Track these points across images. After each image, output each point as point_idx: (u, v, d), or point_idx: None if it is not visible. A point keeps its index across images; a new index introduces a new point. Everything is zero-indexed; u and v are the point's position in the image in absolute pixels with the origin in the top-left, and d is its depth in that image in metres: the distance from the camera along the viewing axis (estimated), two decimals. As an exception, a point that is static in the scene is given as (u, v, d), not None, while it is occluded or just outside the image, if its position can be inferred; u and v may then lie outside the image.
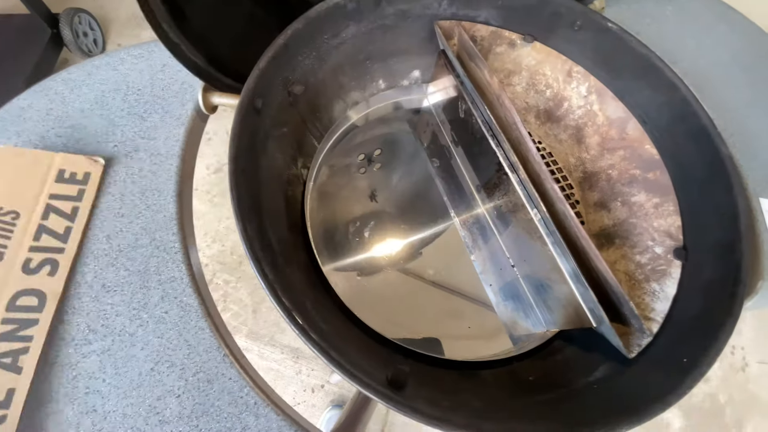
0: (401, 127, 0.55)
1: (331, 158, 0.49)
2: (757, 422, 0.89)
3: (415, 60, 0.45)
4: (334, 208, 0.51)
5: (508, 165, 0.36)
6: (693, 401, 0.88)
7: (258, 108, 0.30)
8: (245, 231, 0.24)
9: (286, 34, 0.31)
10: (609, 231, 0.40)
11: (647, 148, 0.38)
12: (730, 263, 0.28)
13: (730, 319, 0.26)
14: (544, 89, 0.45)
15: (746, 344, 0.94)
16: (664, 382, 0.25)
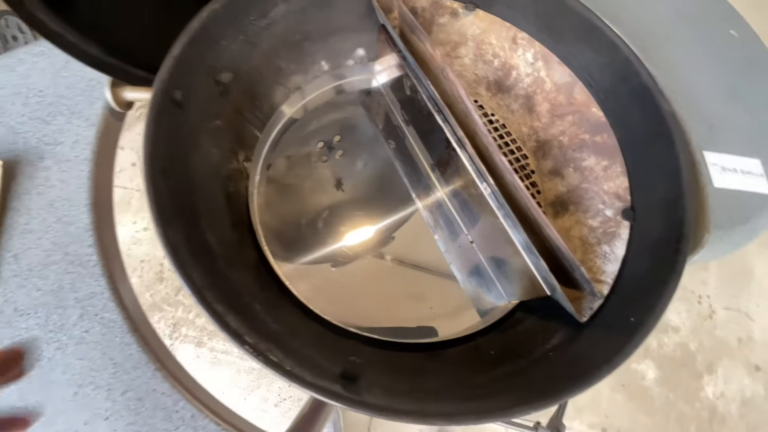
0: (357, 111, 0.53)
1: (287, 148, 0.47)
2: (726, 364, 0.95)
3: (358, 38, 0.43)
4: (299, 201, 0.49)
5: (455, 140, 0.35)
6: (665, 351, 0.92)
7: (178, 100, 0.28)
8: (166, 236, 0.22)
9: (202, 17, 0.29)
10: (563, 198, 0.40)
11: (594, 112, 0.38)
12: (674, 220, 0.28)
13: (674, 276, 0.26)
14: (492, 59, 0.44)
15: (711, 293, 0.99)
16: (613, 344, 0.25)
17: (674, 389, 0.89)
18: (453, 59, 0.45)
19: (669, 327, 0.94)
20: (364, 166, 0.55)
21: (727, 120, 0.36)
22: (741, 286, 1.01)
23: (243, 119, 0.37)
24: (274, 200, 0.48)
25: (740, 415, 0.91)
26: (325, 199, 0.50)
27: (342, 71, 0.45)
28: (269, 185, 0.47)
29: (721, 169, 0.33)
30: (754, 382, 0.94)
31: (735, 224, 0.32)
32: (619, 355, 0.23)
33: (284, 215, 0.48)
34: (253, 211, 0.37)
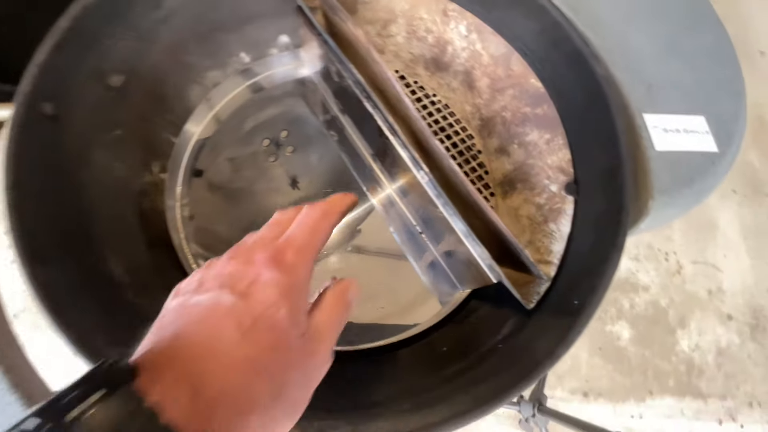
0: (298, 102, 0.50)
1: (225, 150, 0.44)
2: (698, 317, 0.98)
3: (278, 23, 0.40)
4: (251, 206, 0.46)
5: (387, 127, 0.33)
6: (637, 311, 0.94)
7: (50, 114, 0.24)
8: (34, 277, 0.19)
9: (71, 15, 0.25)
10: (511, 176, 0.38)
11: (533, 83, 0.36)
12: (614, 190, 0.27)
13: (615, 251, 0.24)
14: (425, 35, 0.41)
15: (678, 249, 1.01)
16: (558, 331, 0.23)
17: (649, 347, 0.92)
18: (385, 39, 0.42)
19: (639, 286, 0.95)
20: (319, 161, 0.52)
21: (668, 78, 0.35)
22: (706, 239, 1.04)
23: (152, 125, 0.34)
24: (221, 208, 0.45)
25: (717, 365, 0.95)
26: (280, 200, 0.47)
27: (267, 61, 0.42)
28: (211, 193, 0.44)
29: (662, 131, 0.32)
30: (727, 331, 0.98)
31: (680, 187, 0.31)
32: (561, 346, 0.22)
33: (236, 222, 0.44)
34: (175, 227, 0.34)
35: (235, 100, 0.42)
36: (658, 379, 0.89)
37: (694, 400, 0.89)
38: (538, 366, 0.21)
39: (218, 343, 0.14)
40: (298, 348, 0.15)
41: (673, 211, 0.31)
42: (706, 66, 0.36)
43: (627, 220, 0.25)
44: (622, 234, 0.25)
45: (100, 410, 0.11)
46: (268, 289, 0.15)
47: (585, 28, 0.34)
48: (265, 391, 0.14)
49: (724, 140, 0.33)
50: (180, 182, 0.36)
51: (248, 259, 0.16)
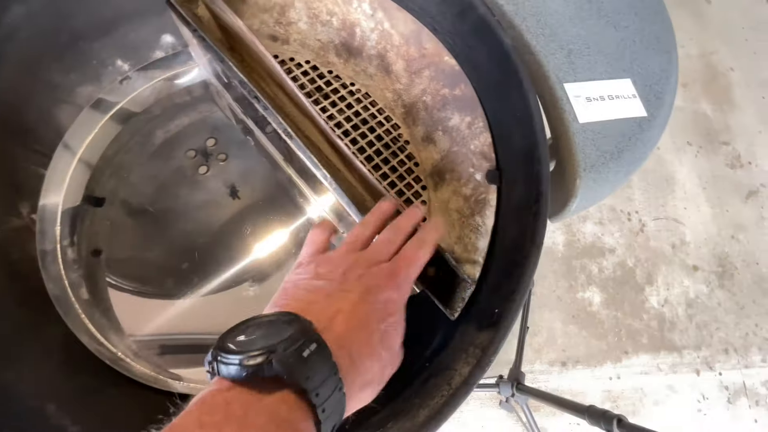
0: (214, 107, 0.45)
1: (141, 168, 0.39)
2: (665, 272, 0.99)
3: (157, 21, 0.35)
4: (188, 224, 0.42)
5: (282, 130, 0.29)
6: (605, 274, 0.94)
7: None
8: None
9: None
10: (439, 167, 0.35)
11: (447, 60, 0.32)
12: (533, 175, 0.24)
13: (534, 248, 0.22)
14: (329, 18, 0.36)
15: (639, 207, 1.01)
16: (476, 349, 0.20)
17: (620, 308, 0.92)
18: (287, 27, 0.38)
19: (605, 250, 0.96)
20: (257, 165, 0.48)
21: (589, 40, 0.32)
22: (665, 194, 1.05)
23: (13, 160, 0.29)
24: (148, 233, 0.40)
25: (688, 316, 0.96)
26: (221, 213, 0.42)
27: (153, 66, 0.37)
28: (134, 218, 0.39)
29: (585, 100, 0.29)
30: (695, 282, 1.00)
31: (607, 161, 0.28)
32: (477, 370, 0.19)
33: (173, 244, 0.40)
34: (57, 275, 0.29)
35: (120, 118, 0.37)
36: (632, 338, 0.90)
37: (669, 354, 0.92)
38: (452, 398, 0.19)
39: (360, 325, 0.19)
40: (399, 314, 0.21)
41: (603, 188, 0.28)
42: (631, 23, 0.34)
43: (546, 210, 0.22)
44: (541, 226, 0.22)
45: (308, 356, 0.16)
46: (390, 297, 0.21)
47: (495, -7, 0.31)
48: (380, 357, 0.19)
49: (654, 102, 0.31)
50: (59, 220, 0.31)
51: (376, 274, 0.21)
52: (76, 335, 0.27)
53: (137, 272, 0.37)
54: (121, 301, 0.35)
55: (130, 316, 0.33)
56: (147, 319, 0.34)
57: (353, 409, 0.18)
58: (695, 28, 1.28)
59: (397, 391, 0.24)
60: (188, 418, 0.14)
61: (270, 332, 0.17)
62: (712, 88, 1.22)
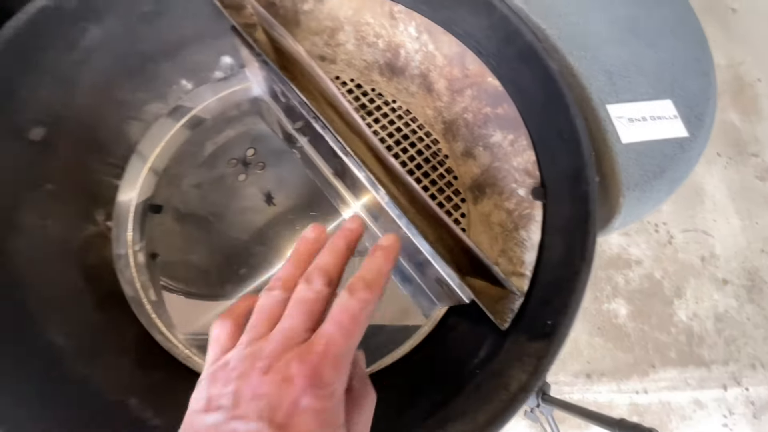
0: (258, 121, 0.48)
1: (185, 178, 0.42)
2: (694, 285, 0.97)
3: (217, 44, 0.37)
4: (226, 228, 0.44)
5: (340, 149, 0.31)
6: (632, 286, 0.93)
7: (-42, 186, 0.22)
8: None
9: (-31, 72, 0.23)
10: (479, 181, 0.36)
11: (490, 81, 0.34)
12: (580, 195, 0.25)
13: (584, 264, 0.23)
14: (375, 40, 0.39)
15: (667, 219, 1.00)
16: (531, 359, 0.22)
17: (647, 321, 0.91)
18: (335, 48, 0.40)
19: (632, 261, 0.95)
20: (291, 174, 0.50)
21: (630, 62, 0.33)
22: (694, 205, 1.03)
23: (90, 172, 0.31)
24: (193, 237, 0.43)
25: (717, 331, 0.94)
26: (257, 218, 0.45)
27: (210, 87, 0.39)
28: (181, 223, 0.42)
29: (627, 121, 0.30)
30: (724, 296, 0.97)
31: (650, 179, 0.29)
32: (533, 378, 0.20)
33: (212, 247, 0.43)
34: (130, 278, 0.32)
35: (180, 133, 0.40)
36: (660, 352, 0.89)
37: (697, 368, 0.90)
38: (512, 402, 0.20)
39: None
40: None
41: (645, 206, 0.29)
42: (670, 45, 0.35)
43: (595, 228, 0.24)
44: (591, 244, 0.23)
45: None
46: (309, 420, 0.15)
47: (538, 18, 0.33)
48: None
49: (695, 123, 0.32)
50: (131, 226, 0.34)
51: (285, 376, 0.15)
52: (150, 333, 0.29)
53: (183, 274, 0.39)
54: (171, 302, 0.37)
55: (178, 316, 0.36)
56: (192, 319, 0.36)
57: None
58: (722, 38, 1.27)
59: (448, 395, 0.25)
60: None
61: None
62: (740, 99, 1.20)
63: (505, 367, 0.23)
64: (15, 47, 0.25)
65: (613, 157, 0.29)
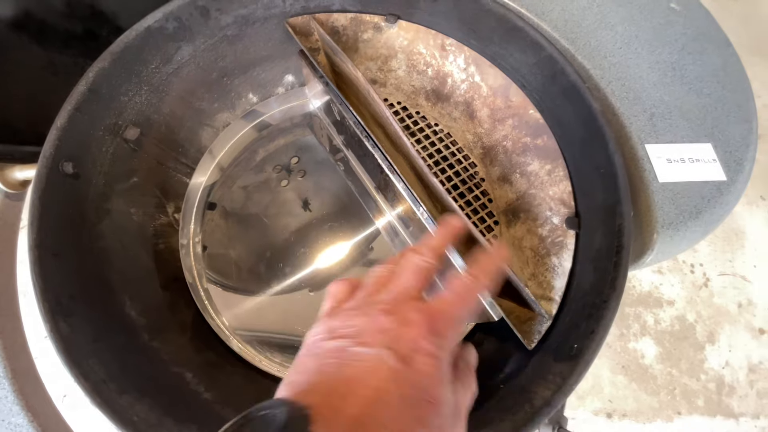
0: (306, 132, 0.52)
1: (237, 180, 0.46)
2: (729, 332, 0.93)
3: (283, 64, 0.41)
4: (265, 229, 0.48)
5: (387, 166, 0.33)
6: (662, 326, 0.90)
7: (70, 173, 0.26)
8: (56, 330, 0.21)
9: (88, 79, 0.27)
10: (514, 205, 0.38)
11: (532, 113, 0.36)
12: (614, 229, 0.27)
13: (614, 294, 0.24)
14: (425, 68, 0.42)
15: (704, 260, 0.97)
16: (556, 377, 0.23)
17: (676, 364, 0.88)
18: (386, 73, 0.43)
19: (663, 301, 0.92)
20: (329, 183, 0.54)
21: (672, 105, 0.34)
22: (734, 249, 0.99)
23: (167, 170, 0.36)
24: (234, 234, 0.47)
25: (749, 382, 0.89)
26: (293, 222, 0.48)
27: (273, 100, 0.44)
28: (226, 220, 0.46)
29: (666, 161, 0.31)
30: (759, 345, 0.92)
31: (686, 219, 0.30)
32: (558, 395, 0.22)
33: (249, 247, 0.46)
34: (189, 265, 0.35)
35: (244, 138, 0.44)
36: (687, 398, 0.85)
37: (726, 419, 0.85)
38: (535, 414, 0.21)
39: (384, 405, 0.14)
40: (449, 424, 0.16)
41: (679, 244, 0.30)
42: (713, 90, 0.36)
43: (627, 260, 0.25)
44: (622, 275, 0.24)
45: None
46: (427, 361, 0.15)
47: (583, 58, 0.35)
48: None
49: (734, 168, 0.32)
50: (193, 220, 0.38)
51: (405, 319, 0.16)
52: (204, 317, 0.32)
53: (222, 267, 0.43)
54: (212, 291, 0.40)
55: (218, 305, 0.39)
56: (228, 311, 0.39)
57: None
58: (772, 79, 1.23)
59: (473, 406, 0.27)
60: None
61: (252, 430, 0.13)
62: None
63: (530, 384, 0.25)
64: (122, 59, 0.29)
65: (649, 195, 0.30)
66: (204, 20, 0.33)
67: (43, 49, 0.28)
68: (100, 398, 0.20)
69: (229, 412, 0.26)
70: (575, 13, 0.37)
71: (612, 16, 0.37)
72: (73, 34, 0.30)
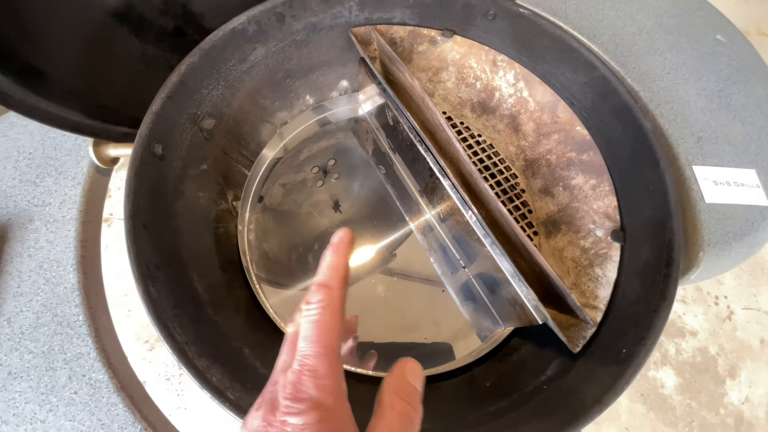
0: (347, 136, 0.54)
1: (280, 177, 0.48)
2: (750, 367, 0.90)
3: (340, 70, 0.44)
4: (297, 226, 0.50)
5: (438, 169, 0.35)
6: (683, 357, 0.88)
7: (159, 154, 0.28)
8: (147, 293, 0.23)
9: (180, 71, 0.30)
10: (555, 217, 0.39)
11: (579, 130, 0.37)
12: (663, 242, 0.28)
13: (665, 304, 0.25)
14: (474, 82, 0.44)
15: (729, 292, 0.95)
16: (605, 378, 0.24)
17: (696, 397, 0.86)
18: (436, 84, 0.45)
19: (686, 331, 0.90)
20: (360, 187, 0.56)
21: (718, 130, 0.35)
22: (760, 284, 0.97)
23: (230, 160, 0.38)
24: (270, 228, 0.49)
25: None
26: (323, 222, 0.50)
27: (327, 103, 0.46)
28: (265, 214, 0.48)
29: (712, 183, 0.32)
30: (782, 384, 0.90)
31: (731, 240, 0.31)
32: (609, 394, 0.23)
33: (283, 242, 0.48)
34: (244, 250, 0.37)
35: (297, 137, 0.46)
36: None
37: (747, 459, 0.82)
38: (586, 411, 0.22)
39: None
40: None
41: (723, 264, 0.31)
42: (757, 120, 0.37)
43: (677, 273, 0.26)
44: (672, 287, 0.25)
45: None
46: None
47: (633, 81, 0.36)
48: None
49: (777, 194, 0.33)
50: (248, 209, 0.40)
51: (271, 406, 0.15)
52: (257, 299, 0.34)
53: (256, 258, 0.45)
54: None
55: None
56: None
57: None
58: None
59: (515, 403, 0.28)
60: None
61: None
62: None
63: (576, 385, 0.25)
64: (208, 56, 0.32)
65: (695, 214, 0.31)
66: (279, 25, 0.35)
67: (139, 41, 0.31)
68: (185, 358, 0.22)
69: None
70: (625, 38, 0.39)
71: (660, 43, 0.39)
72: (166, 29, 0.33)
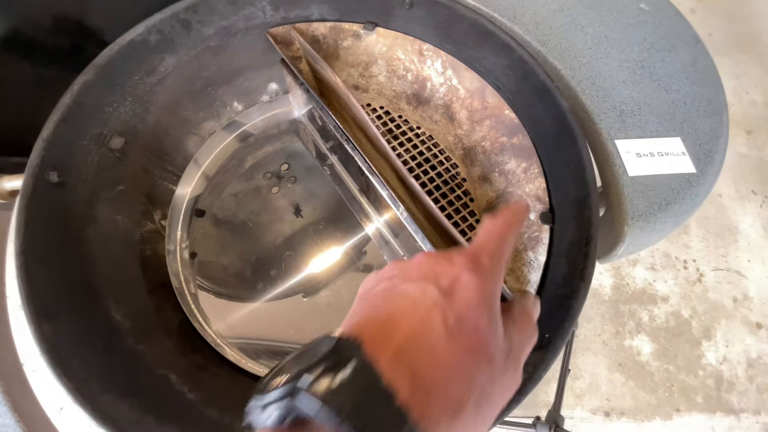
0: (294, 138, 0.53)
1: (227, 188, 0.47)
2: (725, 327, 0.93)
3: (267, 73, 0.43)
4: (257, 236, 0.49)
5: (367, 168, 0.34)
6: (657, 323, 0.90)
7: (56, 182, 0.27)
8: (39, 331, 0.22)
9: (73, 91, 0.28)
10: (494, 204, 0.39)
11: (507, 114, 0.37)
12: (583, 221, 0.27)
13: (583, 285, 0.25)
14: (405, 73, 0.43)
15: (696, 255, 0.97)
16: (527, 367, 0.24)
17: (673, 361, 0.88)
18: (368, 79, 0.44)
19: (657, 297, 0.92)
20: (320, 189, 0.54)
21: (641, 101, 0.35)
22: (727, 244, 1.00)
23: (153, 177, 0.37)
24: (226, 242, 0.47)
25: (748, 377, 0.89)
26: (285, 228, 0.49)
27: (258, 108, 0.45)
28: (218, 228, 0.47)
29: (635, 156, 0.32)
30: (758, 340, 0.92)
31: (655, 211, 0.31)
32: (529, 383, 0.22)
33: (243, 252, 0.47)
34: (176, 271, 0.36)
35: (229, 146, 0.45)
36: (685, 395, 0.84)
37: (726, 416, 0.84)
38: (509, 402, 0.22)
39: (428, 333, 0.14)
40: (499, 363, 0.16)
41: (650, 236, 0.31)
42: (682, 86, 0.37)
43: (595, 251, 0.26)
44: (590, 266, 0.25)
45: (342, 382, 0.12)
46: (469, 291, 0.15)
47: (554, 59, 0.36)
48: (470, 398, 0.14)
49: (704, 160, 0.33)
50: (180, 226, 0.39)
51: (448, 258, 0.17)
52: (190, 321, 0.33)
53: (214, 274, 0.43)
54: (203, 298, 0.41)
55: (209, 311, 0.39)
56: (220, 316, 0.39)
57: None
58: (761, 75, 1.25)
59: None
60: None
61: (301, 359, 0.13)
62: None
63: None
64: (106, 71, 0.30)
65: (619, 188, 0.31)
66: (186, 32, 0.34)
67: (31, 65, 0.29)
68: (81, 396, 0.21)
69: (213, 412, 0.26)
70: (546, 16, 0.38)
71: (582, 18, 0.39)
72: (61, 49, 0.31)
